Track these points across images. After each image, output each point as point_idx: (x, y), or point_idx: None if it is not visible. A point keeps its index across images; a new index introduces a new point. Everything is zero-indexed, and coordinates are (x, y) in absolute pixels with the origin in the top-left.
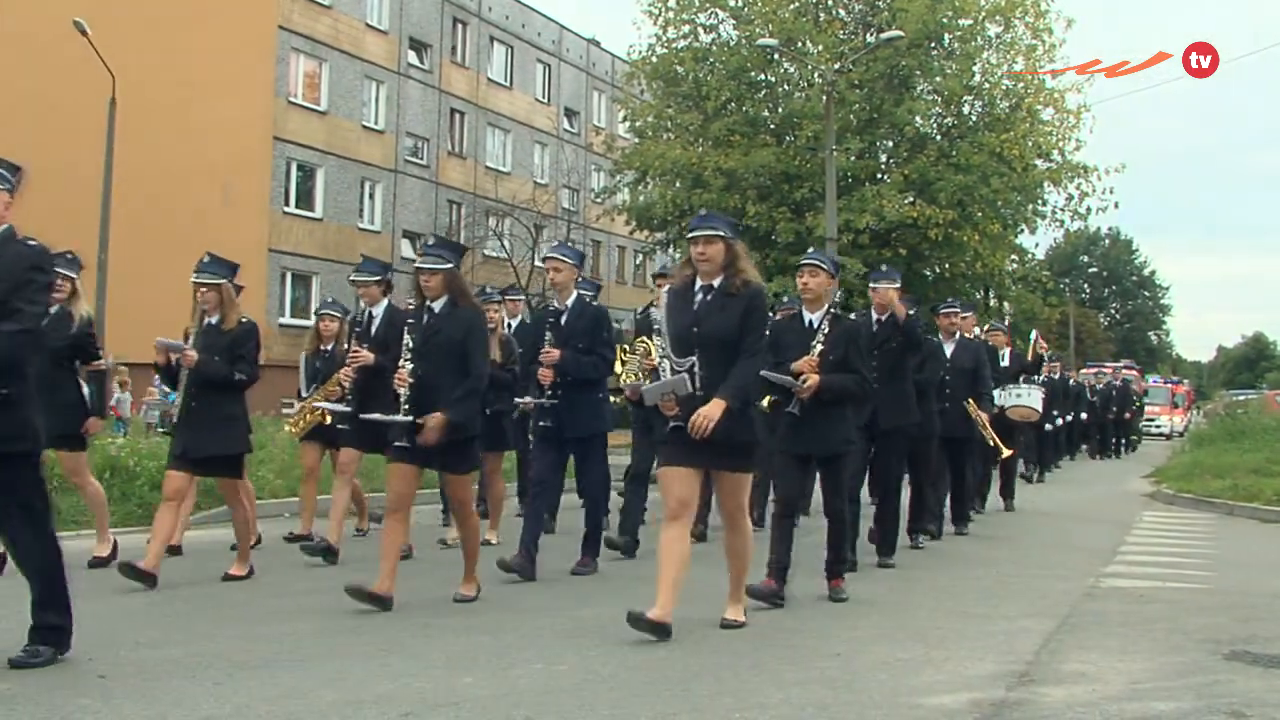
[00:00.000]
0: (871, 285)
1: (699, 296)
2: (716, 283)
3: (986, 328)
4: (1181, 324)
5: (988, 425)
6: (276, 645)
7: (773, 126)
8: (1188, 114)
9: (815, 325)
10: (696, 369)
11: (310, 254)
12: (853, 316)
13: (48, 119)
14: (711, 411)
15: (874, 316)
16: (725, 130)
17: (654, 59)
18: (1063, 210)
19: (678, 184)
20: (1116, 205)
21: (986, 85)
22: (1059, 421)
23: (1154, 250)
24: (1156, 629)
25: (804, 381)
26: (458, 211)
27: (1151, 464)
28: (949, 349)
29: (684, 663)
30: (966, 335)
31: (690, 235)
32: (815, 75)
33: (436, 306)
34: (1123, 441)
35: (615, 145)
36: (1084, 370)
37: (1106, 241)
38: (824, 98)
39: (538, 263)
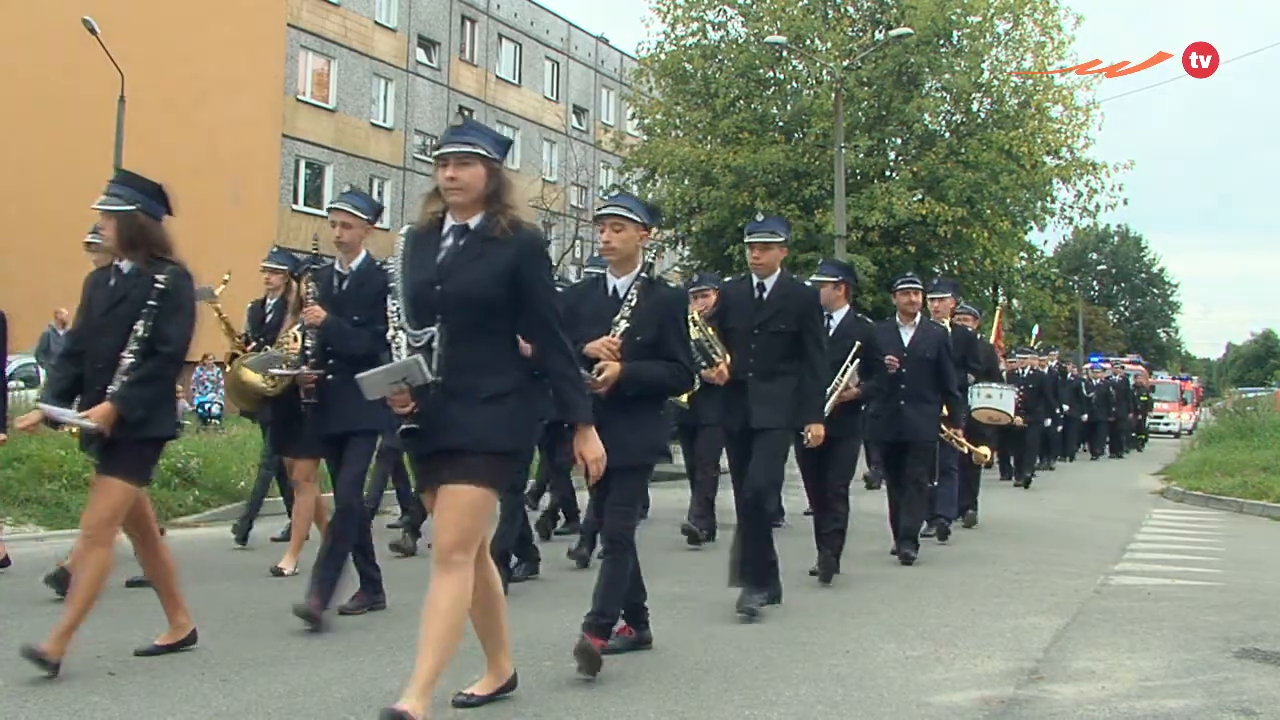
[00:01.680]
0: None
1: (447, 241)
2: (473, 223)
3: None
4: (1191, 321)
5: (955, 436)
6: (285, 642)
7: (782, 124)
8: (1197, 110)
9: (622, 294)
10: (436, 345)
11: (320, 252)
12: (671, 285)
13: (57, 117)
14: (593, 449)
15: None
16: (734, 127)
17: (663, 56)
18: (1072, 207)
19: (686, 181)
20: (1126, 202)
21: (995, 82)
22: (1047, 421)
23: (1163, 247)
24: (1166, 626)
25: (598, 372)
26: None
27: (1160, 462)
28: (907, 335)
29: (693, 660)
30: (944, 323)
31: (436, 154)
32: (824, 72)
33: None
34: (1123, 440)
35: (624, 143)
36: (1085, 365)
37: (1116, 238)
38: (833, 95)
39: None
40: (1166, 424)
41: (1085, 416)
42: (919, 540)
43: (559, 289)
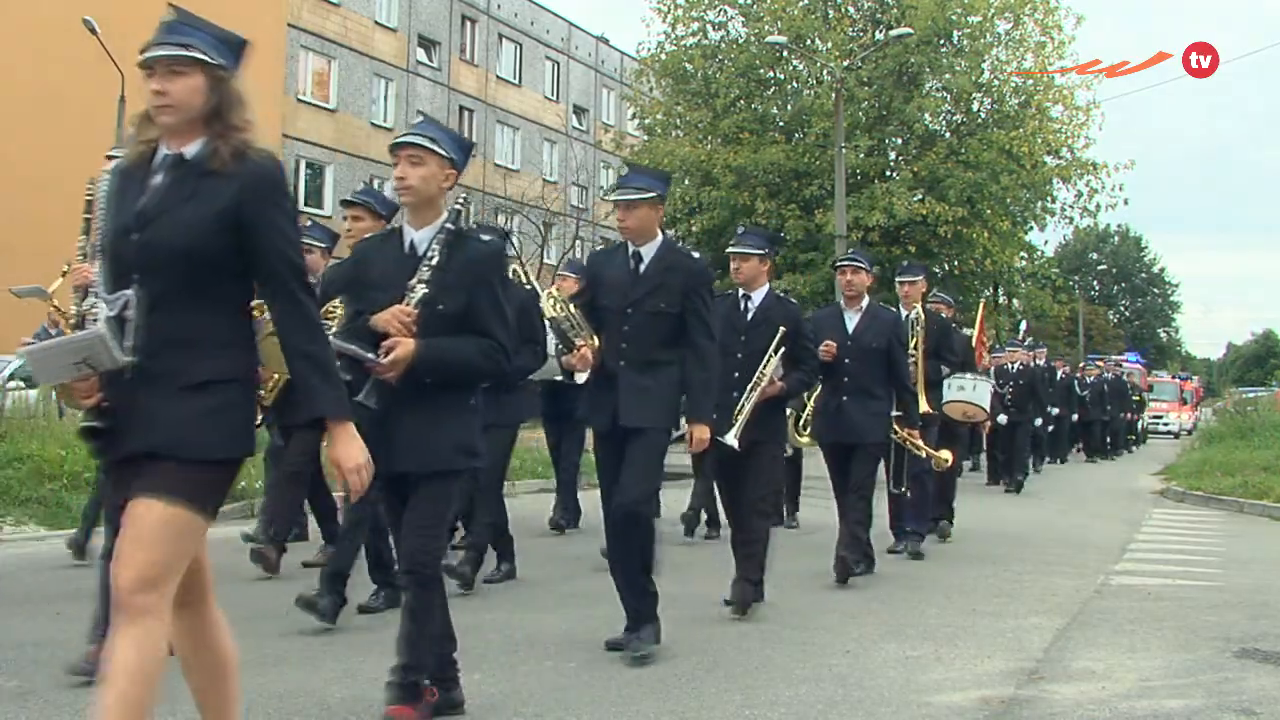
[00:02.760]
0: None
1: (156, 178)
2: (189, 152)
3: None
4: (1191, 321)
5: (910, 439)
6: (284, 643)
7: (782, 124)
8: (1197, 110)
9: (421, 251)
10: (132, 313)
11: None
12: (486, 238)
13: (57, 117)
14: (350, 455)
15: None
16: (734, 127)
17: (663, 56)
18: (1072, 207)
19: (687, 181)
20: (1126, 202)
21: (996, 82)
22: (1038, 421)
23: (1164, 247)
24: (1166, 626)
25: (386, 351)
26: (467, 209)
27: (1160, 461)
28: (851, 321)
29: (693, 660)
30: (915, 309)
31: (140, 60)
32: (824, 72)
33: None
34: (1117, 441)
35: (624, 143)
36: (1081, 366)
37: (1116, 238)
38: (833, 95)
39: (547, 260)
40: (1166, 424)
41: (1076, 416)
42: (871, 555)
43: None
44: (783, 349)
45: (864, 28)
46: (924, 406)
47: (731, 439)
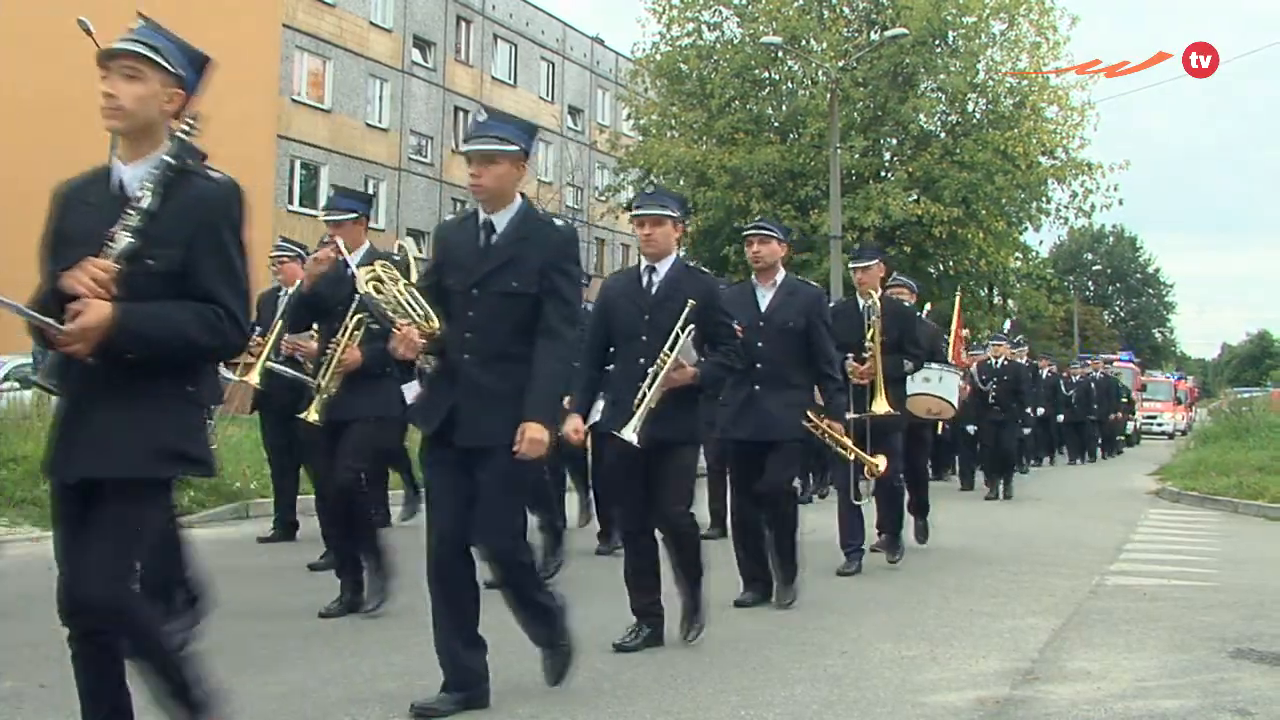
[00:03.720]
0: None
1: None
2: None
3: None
4: (1185, 321)
5: (835, 434)
6: (281, 643)
7: (777, 124)
8: (1193, 111)
9: (131, 193)
10: None
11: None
12: (216, 175)
13: (52, 118)
14: None
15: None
16: (729, 128)
17: (658, 57)
18: (1067, 207)
19: (682, 182)
20: (1121, 202)
21: (991, 83)
22: (1027, 428)
23: (1158, 247)
24: (1162, 627)
25: (73, 316)
26: (461, 209)
27: (1155, 462)
28: (765, 298)
29: (689, 660)
30: (872, 296)
31: None
32: (820, 73)
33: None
34: (1103, 442)
35: (619, 143)
36: (1068, 366)
37: (1111, 239)
38: (828, 95)
39: None
40: (1160, 424)
41: (1061, 417)
42: (792, 588)
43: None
44: (692, 327)
45: (859, 28)
46: (883, 406)
47: (630, 433)
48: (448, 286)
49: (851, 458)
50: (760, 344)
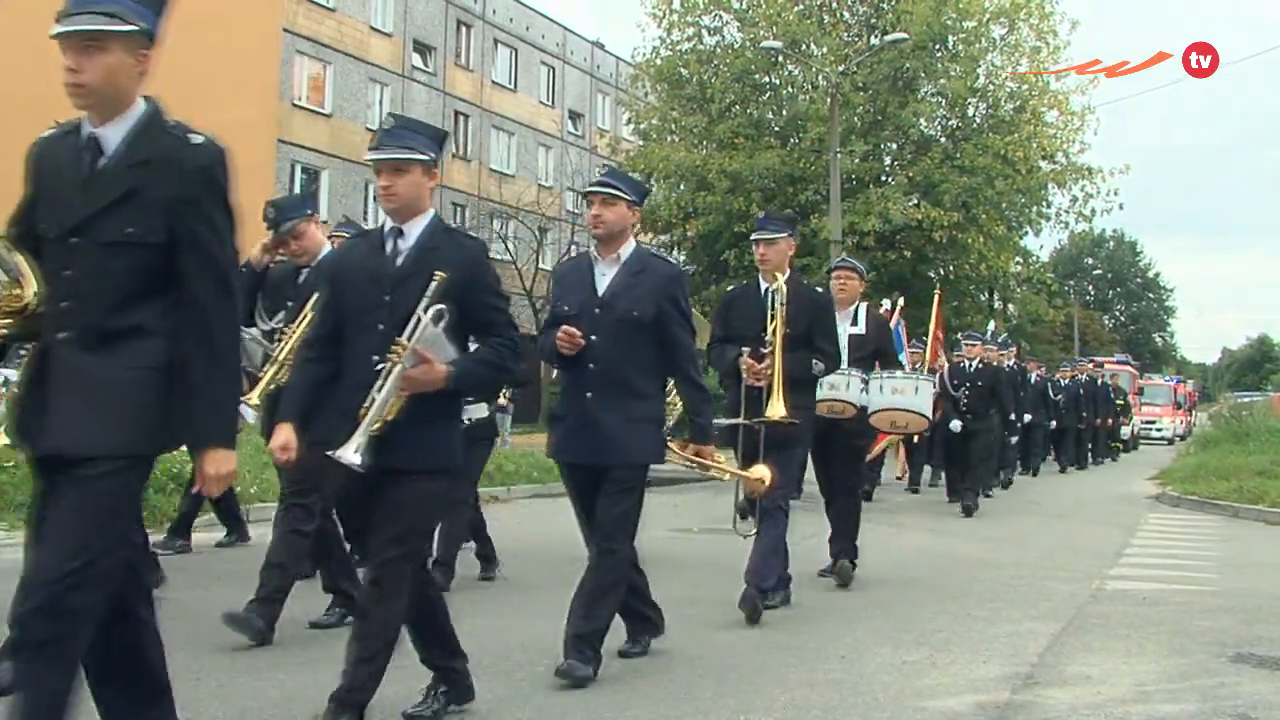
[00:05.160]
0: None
1: None
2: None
3: (836, 271)
4: (1185, 325)
5: (703, 460)
6: (281, 648)
7: (777, 129)
8: (1192, 115)
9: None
10: None
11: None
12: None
13: (52, 121)
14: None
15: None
16: (730, 133)
17: (658, 61)
18: (1067, 212)
19: (682, 186)
20: (1121, 207)
21: (991, 87)
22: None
23: (1158, 252)
24: (1162, 631)
25: None
26: (462, 214)
27: (1155, 467)
28: (603, 277)
29: (688, 664)
30: (778, 280)
31: None
32: (820, 78)
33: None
34: (1094, 448)
35: (620, 148)
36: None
37: (1111, 243)
38: (828, 100)
39: (543, 266)
40: (1159, 429)
41: (1053, 423)
42: (648, 619)
43: None
44: (441, 310)
45: (859, 33)
46: (780, 410)
47: (350, 454)
48: (40, 235)
49: (725, 477)
50: (594, 337)
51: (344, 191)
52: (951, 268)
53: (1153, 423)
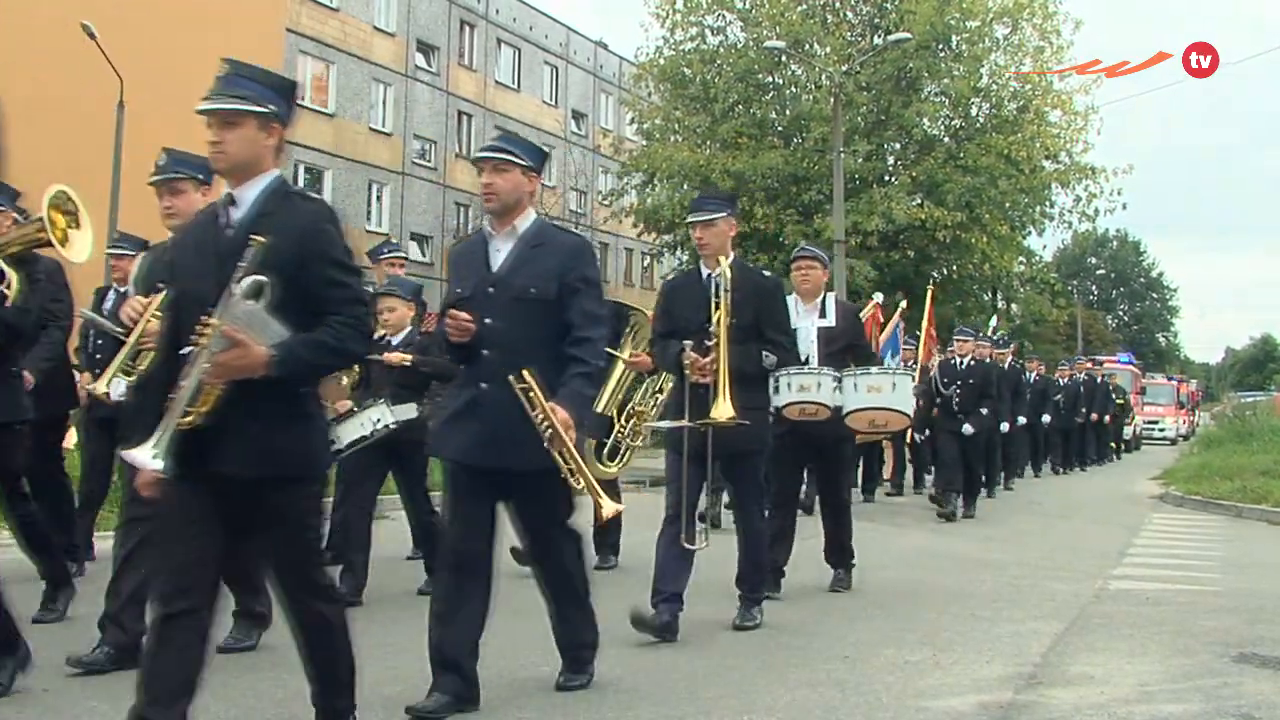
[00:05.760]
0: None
1: None
2: None
3: (796, 261)
4: (1187, 325)
5: (568, 460)
6: (284, 648)
7: (780, 128)
8: (1195, 115)
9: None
10: None
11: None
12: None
13: (55, 121)
14: None
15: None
16: (733, 132)
17: (661, 61)
18: (1071, 212)
19: (685, 186)
20: (1125, 207)
21: (994, 87)
22: (1004, 428)
23: (1162, 252)
24: (1165, 631)
25: None
26: (465, 214)
27: (1158, 467)
28: (498, 254)
29: (691, 664)
30: (722, 263)
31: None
32: (823, 77)
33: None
34: (1093, 450)
35: (623, 147)
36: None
37: (1114, 243)
38: (832, 100)
39: None
40: (1161, 429)
41: (1048, 419)
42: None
43: None
44: (261, 281)
45: (862, 32)
46: (726, 412)
47: (146, 456)
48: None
49: (579, 487)
50: (488, 320)
51: (347, 191)
52: (955, 267)
53: (1155, 423)
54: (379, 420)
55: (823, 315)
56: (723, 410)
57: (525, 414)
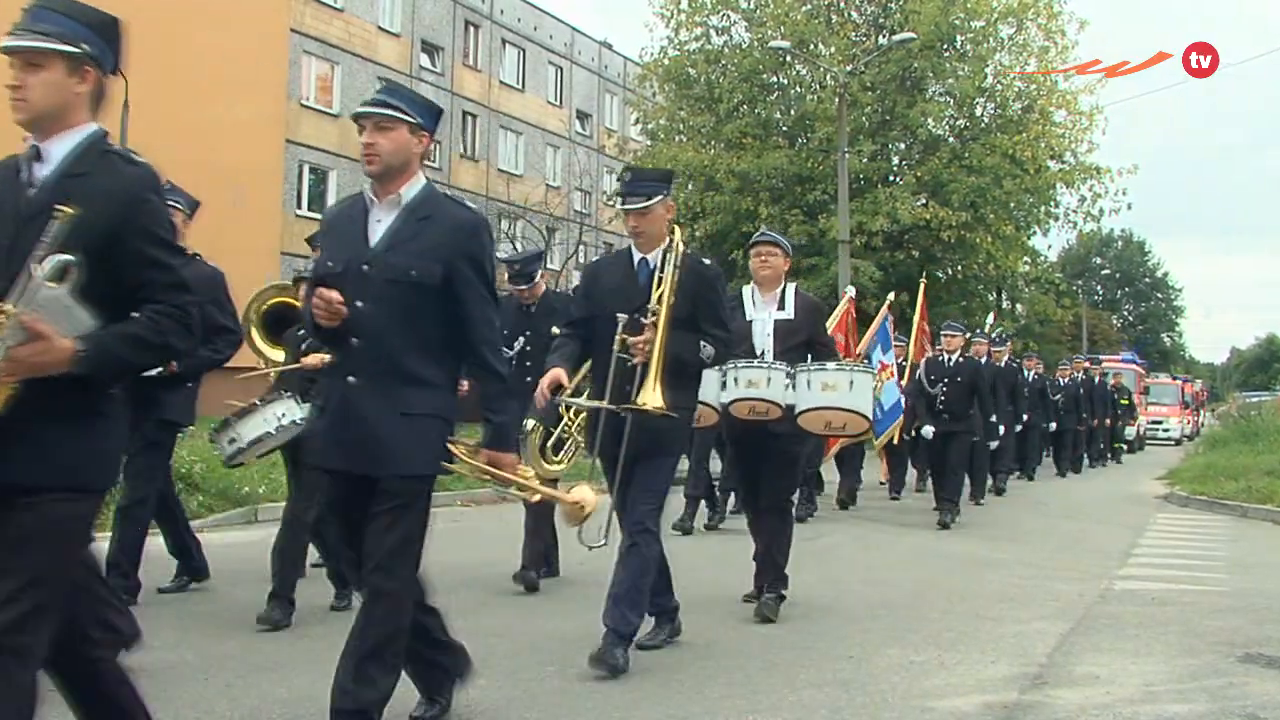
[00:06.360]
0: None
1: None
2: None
3: (755, 247)
4: (1192, 325)
5: (495, 470)
6: (289, 648)
7: (785, 129)
8: (1200, 115)
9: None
10: None
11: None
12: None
13: None
14: None
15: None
16: (738, 132)
17: (666, 61)
18: (1075, 212)
19: (690, 186)
20: (1130, 207)
21: (999, 87)
22: (1001, 430)
23: (1167, 252)
24: (1170, 631)
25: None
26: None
27: (1164, 467)
28: (378, 226)
29: (697, 664)
30: (650, 248)
31: None
32: (828, 77)
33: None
34: (1093, 450)
35: (628, 148)
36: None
37: (1119, 243)
38: (836, 100)
39: (550, 266)
40: (1166, 430)
41: (1053, 425)
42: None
43: None
44: (69, 265)
45: (867, 32)
46: (654, 400)
47: None
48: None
49: (526, 495)
50: (360, 304)
51: (352, 192)
52: (960, 267)
53: (1159, 423)
54: (284, 416)
55: (781, 307)
56: (651, 397)
57: (401, 413)
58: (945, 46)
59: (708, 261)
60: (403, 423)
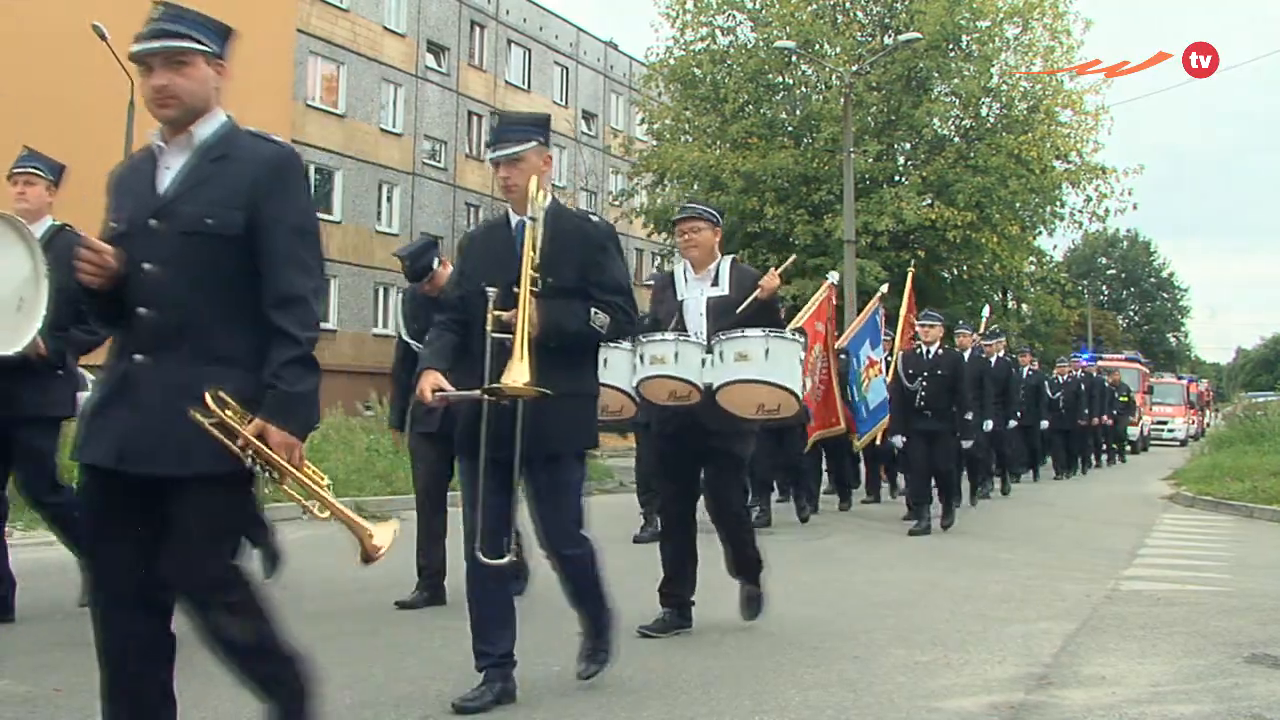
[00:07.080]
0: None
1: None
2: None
3: (678, 225)
4: (1198, 326)
5: (298, 485)
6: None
7: (791, 129)
8: (1206, 115)
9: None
10: None
11: (328, 257)
12: None
13: (66, 122)
14: None
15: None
16: (743, 132)
17: (672, 61)
18: (1081, 212)
19: (695, 186)
20: (1135, 207)
21: (1005, 87)
22: (987, 427)
23: (1173, 252)
24: (1177, 632)
25: None
26: (476, 214)
27: (1169, 467)
28: (165, 174)
29: (702, 665)
30: (521, 208)
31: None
32: (833, 77)
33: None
34: (1092, 452)
35: (633, 148)
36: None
37: (1125, 243)
38: (842, 100)
39: None
40: (1171, 430)
41: (1045, 424)
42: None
43: None
44: None
45: (872, 33)
46: (522, 376)
47: None
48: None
49: (328, 514)
50: (147, 265)
51: (357, 192)
52: (965, 267)
53: (1164, 423)
54: None
55: (715, 284)
56: (517, 373)
57: (197, 395)
58: (951, 46)
59: (596, 219)
60: (183, 426)
